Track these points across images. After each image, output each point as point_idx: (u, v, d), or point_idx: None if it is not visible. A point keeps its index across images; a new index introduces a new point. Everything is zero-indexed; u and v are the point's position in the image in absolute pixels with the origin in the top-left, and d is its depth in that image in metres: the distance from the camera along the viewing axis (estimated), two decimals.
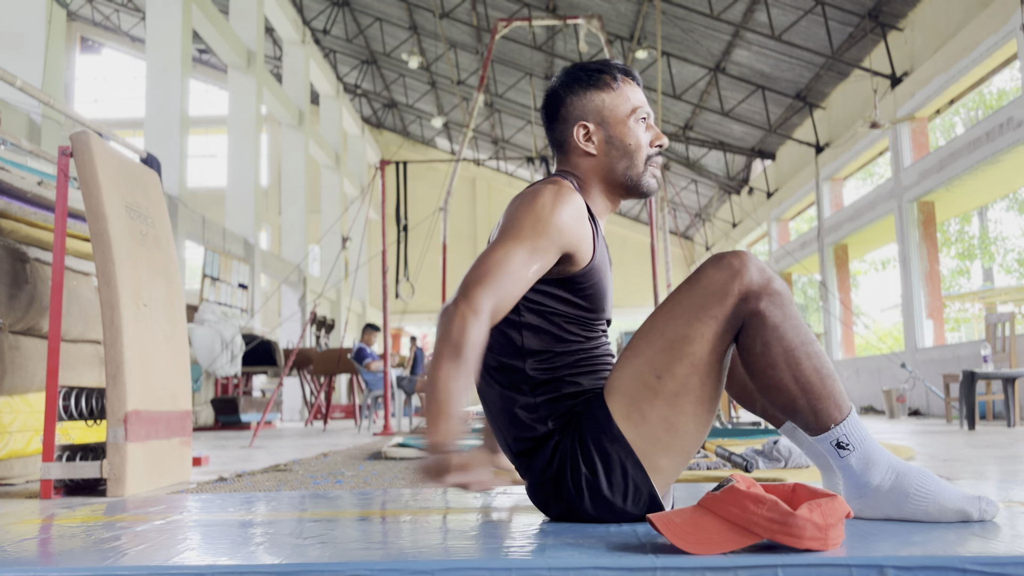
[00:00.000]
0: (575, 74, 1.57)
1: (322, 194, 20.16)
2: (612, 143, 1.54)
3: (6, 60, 9.12)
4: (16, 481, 3.34)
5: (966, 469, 3.20)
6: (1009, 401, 6.47)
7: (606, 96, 1.55)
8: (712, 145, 16.58)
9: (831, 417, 1.34)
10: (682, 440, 1.41)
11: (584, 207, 1.49)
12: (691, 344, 1.36)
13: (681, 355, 1.37)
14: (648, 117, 1.57)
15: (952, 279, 19.52)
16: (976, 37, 9.12)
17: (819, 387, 1.34)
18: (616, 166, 1.55)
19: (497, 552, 1.18)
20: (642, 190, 1.57)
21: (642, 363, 1.40)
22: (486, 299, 1.35)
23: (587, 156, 1.56)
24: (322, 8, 17.56)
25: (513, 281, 1.38)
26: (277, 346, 10.72)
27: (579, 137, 1.55)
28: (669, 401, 1.38)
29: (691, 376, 1.37)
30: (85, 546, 1.31)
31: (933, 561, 1.04)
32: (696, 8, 12.23)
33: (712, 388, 1.40)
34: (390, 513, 1.68)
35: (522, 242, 1.40)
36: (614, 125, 1.54)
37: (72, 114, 3.31)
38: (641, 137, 1.55)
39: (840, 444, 1.35)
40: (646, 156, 1.56)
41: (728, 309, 1.35)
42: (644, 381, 1.39)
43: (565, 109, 1.57)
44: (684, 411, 1.38)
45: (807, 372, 1.34)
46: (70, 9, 20.89)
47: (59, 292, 2.91)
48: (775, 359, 1.34)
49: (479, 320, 1.33)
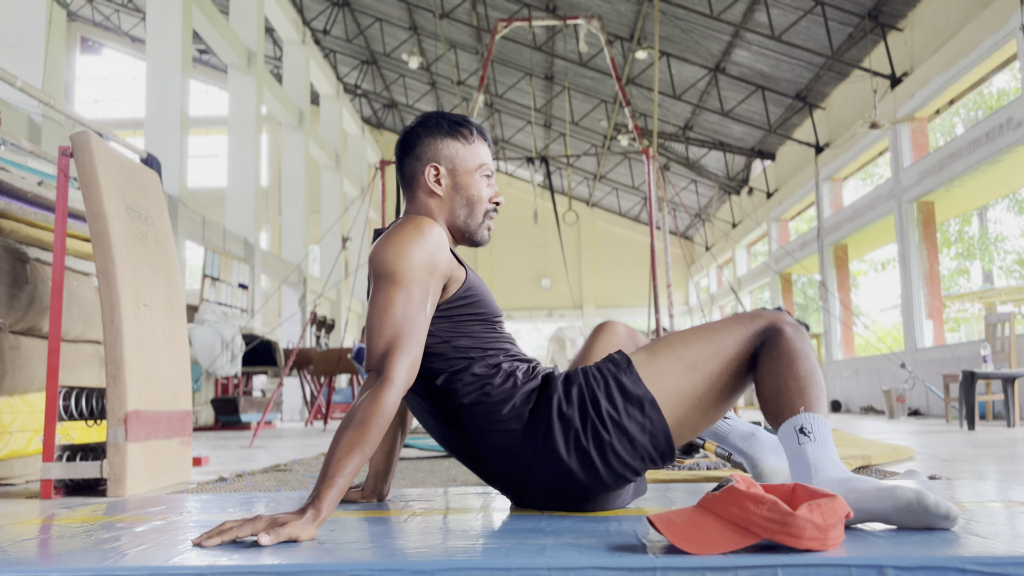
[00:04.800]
0: (437, 120, 1.69)
1: (322, 194, 20.15)
2: (458, 190, 1.67)
3: (6, 60, 9.12)
4: (16, 481, 3.34)
5: (966, 469, 3.20)
6: (1009, 401, 6.47)
7: (460, 146, 1.68)
8: (712, 145, 16.58)
9: (803, 403, 1.47)
10: (690, 411, 1.54)
11: (443, 231, 1.60)
12: (721, 335, 1.56)
13: (709, 339, 1.56)
14: (491, 176, 1.71)
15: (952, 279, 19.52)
16: (976, 37, 9.12)
17: (806, 383, 1.49)
18: (458, 211, 1.67)
19: (497, 552, 1.18)
20: (475, 239, 1.70)
21: (673, 337, 1.59)
22: (403, 366, 1.43)
23: (433, 196, 1.68)
24: (322, 8, 17.56)
25: (420, 331, 1.48)
26: (277, 346, 10.72)
27: (429, 176, 1.66)
28: (687, 370, 1.54)
29: (712, 359, 1.54)
30: (85, 546, 1.31)
31: (933, 561, 1.04)
32: (696, 8, 12.23)
33: (725, 382, 1.55)
34: (390, 513, 1.68)
35: (412, 287, 1.48)
36: (462, 174, 1.67)
37: (72, 114, 3.31)
38: (484, 191, 1.69)
39: (803, 430, 1.44)
40: (485, 210, 1.69)
41: (761, 324, 1.56)
42: (670, 345, 1.57)
43: (421, 148, 1.68)
44: (697, 386, 1.53)
45: (802, 372, 1.50)
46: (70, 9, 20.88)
47: (59, 292, 2.91)
48: (780, 357, 1.51)
49: (399, 391, 1.42)
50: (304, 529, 1.28)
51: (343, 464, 1.33)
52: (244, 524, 1.27)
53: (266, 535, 1.24)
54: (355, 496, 1.87)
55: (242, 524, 1.27)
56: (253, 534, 1.26)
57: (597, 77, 16.26)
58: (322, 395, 10.86)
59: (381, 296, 1.47)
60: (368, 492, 1.88)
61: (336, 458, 1.34)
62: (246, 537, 1.26)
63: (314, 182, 20.78)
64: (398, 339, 1.44)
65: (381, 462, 1.88)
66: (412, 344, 1.45)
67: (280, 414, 12.25)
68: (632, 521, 1.45)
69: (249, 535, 1.26)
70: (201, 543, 1.24)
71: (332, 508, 1.33)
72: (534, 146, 15.47)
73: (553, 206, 9.36)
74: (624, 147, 17.85)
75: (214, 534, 1.25)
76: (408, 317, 1.46)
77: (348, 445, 1.34)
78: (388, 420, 1.38)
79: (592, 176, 22.56)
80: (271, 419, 10.77)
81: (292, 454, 4.95)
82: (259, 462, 4.37)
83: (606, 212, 25.11)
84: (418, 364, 1.47)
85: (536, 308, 24.53)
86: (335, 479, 1.32)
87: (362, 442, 1.35)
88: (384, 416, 1.38)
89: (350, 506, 1.80)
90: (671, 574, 1.05)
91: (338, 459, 1.33)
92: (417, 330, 1.46)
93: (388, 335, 1.44)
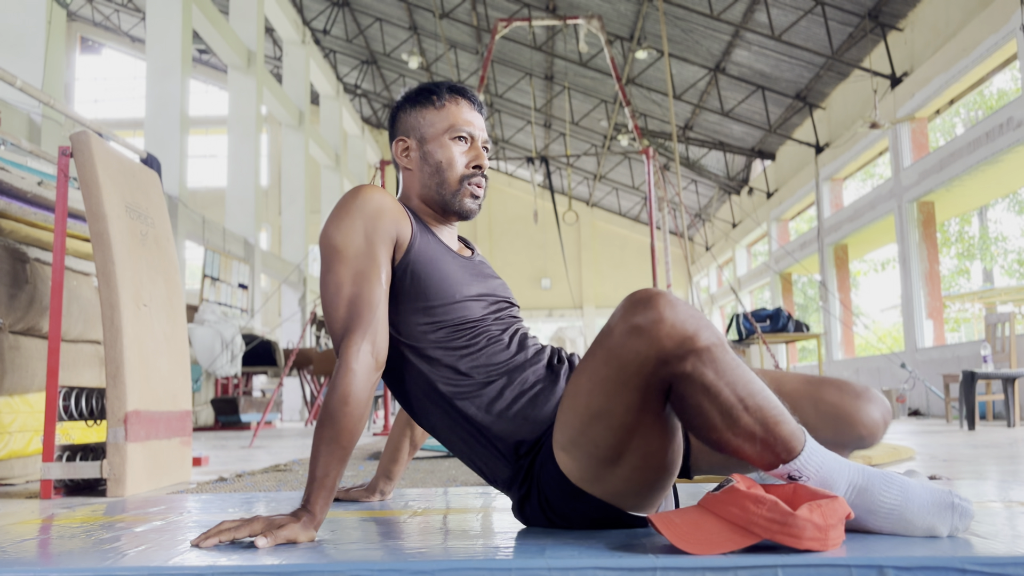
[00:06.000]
0: (409, 93, 1.59)
1: (322, 194, 20.15)
2: (425, 159, 1.54)
3: (6, 60, 9.12)
4: (16, 481, 3.34)
5: (966, 469, 3.20)
6: (1009, 401, 6.47)
7: (427, 113, 1.55)
8: (712, 145, 16.57)
9: (779, 459, 1.22)
10: (653, 486, 1.33)
11: (387, 195, 1.46)
12: (617, 417, 1.25)
13: (611, 427, 1.26)
14: (470, 138, 1.54)
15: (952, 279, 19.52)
16: (976, 37, 9.12)
17: (764, 437, 1.20)
18: (428, 182, 1.54)
19: (497, 552, 1.18)
20: (454, 209, 1.54)
21: (578, 436, 1.29)
22: (361, 348, 1.34)
23: (406, 171, 1.58)
24: (322, 8, 17.56)
25: (375, 306, 1.37)
26: (277, 346, 10.72)
27: (398, 151, 1.58)
28: (622, 468, 1.29)
29: (629, 440, 1.26)
30: (85, 546, 1.31)
31: (933, 561, 1.04)
32: (696, 8, 12.23)
33: (661, 435, 1.28)
34: (390, 513, 1.68)
35: (358, 260, 1.39)
36: (430, 141, 1.54)
37: (72, 114, 3.31)
38: (455, 155, 1.53)
39: (792, 477, 1.24)
40: (459, 175, 1.53)
41: (647, 377, 1.21)
42: (589, 452, 1.29)
43: (395, 126, 1.60)
44: (637, 467, 1.29)
45: (749, 427, 1.19)
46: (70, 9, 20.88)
47: (59, 292, 2.91)
48: (712, 421, 1.20)
49: (360, 376, 1.32)
50: (302, 532, 1.27)
51: (325, 462, 1.31)
52: (242, 525, 1.26)
53: (263, 538, 1.23)
54: (359, 495, 1.87)
55: (240, 525, 1.26)
56: (251, 535, 1.25)
57: (597, 77, 16.26)
58: (322, 395, 10.85)
59: (329, 276, 1.40)
60: (372, 491, 1.87)
61: (317, 458, 1.31)
62: (244, 538, 1.26)
63: (314, 182, 20.78)
64: (352, 320, 1.35)
65: (388, 463, 1.86)
66: (368, 323, 1.35)
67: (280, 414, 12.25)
68: None
69: (247, 536, 1.25)
70: (199, 544, 1.24)
71: (326, 508, 1.32)
72: (534, 146, 15.47)
73: (553, 206, 9.36)
74: (624, 147, 17.85)
75: (212, 535, 1.25)
76: (358, 294, 1.37)
77: (325, 442, 1.31)
78: (358, 408, 1.31)
79: (592, 176, 22.56)
80: (271, 419, 10.77)
81: (292, 454, 4.95)
82: (259, 462, 4.37)
83: (606, 212, 25.11)
84: (383, 342, 1.37)
85: (536, 308, 24.53)
86: (322, 479, 1.31)
87: (337, 436, 1.31)
88: (350, 404, 1.31)
89: (351, 506, 1.80)
90: (671, 574, 1.05)
91: (319, 459, 1.31)
92: (371, 306, 1.36)
93: (342, 318, 1.37)
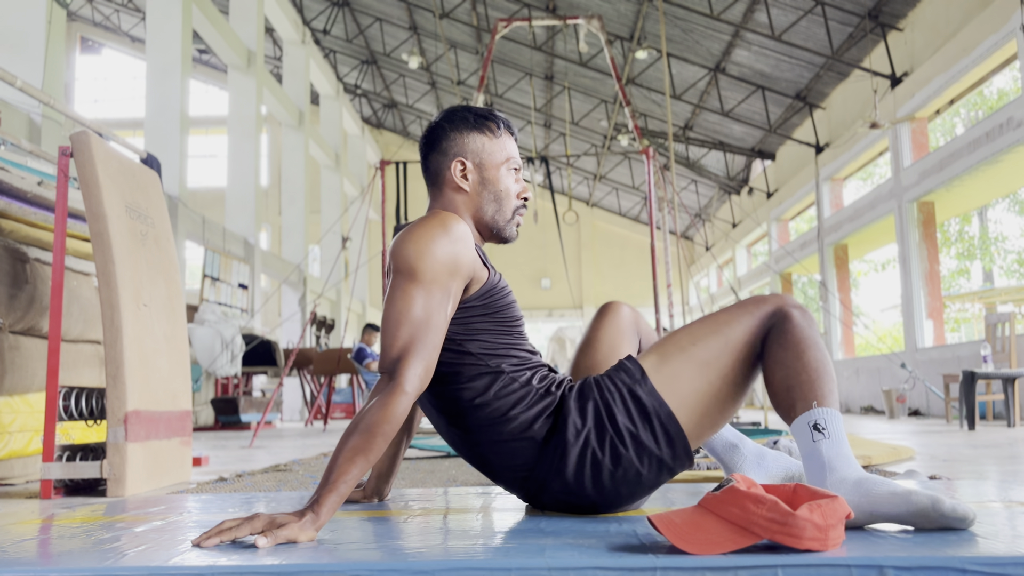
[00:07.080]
0: (462, 114, 1.65)
1: (322, 194, 20.15)
2: (485, 184, 1.62)
3: (6, 60, 9.12)
4: (16, 481, 3.34)
5: (966, 469, 3.20)
6: (1009, 401, 6.47)
7: (487, 140, 1.63)
8: (712, 145, 16.57)
9: (816, 397, 1.42)
10: (708, 412, 1.50)
11: (467, 227, 1.54)
12: (729, 326, 1.50)
13: (718, 332, 1.51)
14: (519, 169, 1.67)
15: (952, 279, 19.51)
16: (976, 37, 9.11)
17: (818, 375, 1.43)
18: (485, 207, 1.62)
19: (497, 552, 1.18)
20: (504, 235, 1.66)
21: (681, 334, 1.54)
22: (416, 373, 1.39)
23: (460, 192, 1.62)
24: (322, 8, 17.56)
25: (437, 335, 1.43)
26: (277, 346, 10.72)
27: (455, 171, 1.61)
28: (700, 369, 1.49)
29: (724, 353, 1.49)
30: (85, 546, 1.31)
31: (933, 561, 1.04)
32: (696, 8, 12.23)
33: (739, 374, 1.50)
34: (390, 513, 1.68)
35: (433, 287, 1.43)
36: (489, 168, 1.62)
37: (72, 114, 3.31)
38: (511, 186, 1.64)
39: (816, 426, 1.40)
40: (514, 206, 1.65)
41: (767, 309, 1.50)
42: (680, 344, 1.52)
43: (447, 143, 1.63)
44: (713, 384, 1.49)
45: (812, 362, 1.44)
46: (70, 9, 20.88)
47: (59, 292, 2.91)
48: (790, 346, 1.45)
49: (410, 399, 1.38)
50: (302, 532, 1.27)
51: (346, 470, 1.32)
52: (243, 524, 1.26)
53: (263, 537, 1.23)
54: (356, 496, 1.87)
55: (240, 524, 1.26)
56: (252, 534, 1.25)
57: (597, 77, 16.26)
58: (322, 395, 10.85)
59: (399, 294, 1.43)
60: (369, 492, 1.87)
61: (339, 463, 1.32)
62: (245, 537, 1.26)
63: (314, 182, 20.78)
64: (414, 343, 1.40)
65: (385, 464, 1.87)
66: (428, 349, 1.41)
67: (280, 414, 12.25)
68: (632, 521, 1.45)
69: (248, 535, 1.25)
70: (200, 543, 1.24)
71: (332, 513, 1.32)
72: (534, 146, 15.48)
73: (553, 206, 9.36)
74: (624, 147, 17.85)
75: (212, 534, 1.25)
76: (426, 320, 1.41)
77: (353, 451, 1.33)
78: (396, 428, 1.35)
79: (592, 176, 22.56)
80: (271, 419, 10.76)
81: (292, 454, 4.95)
82: (259, 462, 4.37)
83: (606, 212, 25.12)
84: (432, 370, 1.42)
85: (536, 308, 24.53)
86: (337, 484, 1.31)
87: (367, 449, 1.33)
88: (392, 424, 1.35)
89: (350, 506, 1.80)
90: (671, 574, 1.05)
91: (341, 464, 1.32)
92: (434, 334, 1.42)
93: (404, 338, 1.40)
